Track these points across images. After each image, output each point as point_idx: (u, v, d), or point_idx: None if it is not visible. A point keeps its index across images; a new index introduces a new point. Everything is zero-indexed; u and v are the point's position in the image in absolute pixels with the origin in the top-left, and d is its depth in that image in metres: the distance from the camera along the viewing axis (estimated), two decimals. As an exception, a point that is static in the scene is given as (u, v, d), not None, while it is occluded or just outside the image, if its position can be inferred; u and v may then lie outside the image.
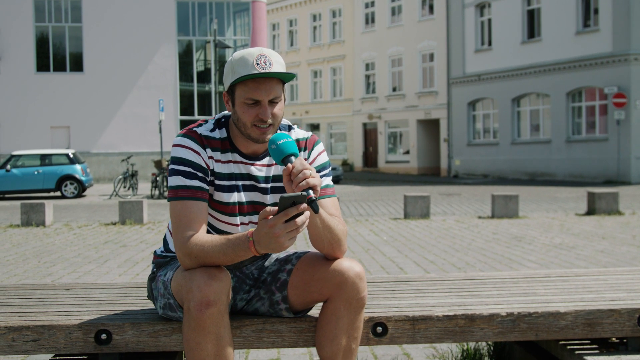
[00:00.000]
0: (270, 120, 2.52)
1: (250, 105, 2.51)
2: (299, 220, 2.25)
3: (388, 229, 11.37)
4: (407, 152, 40.12)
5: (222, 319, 2.41)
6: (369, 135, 43.12)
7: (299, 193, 2.23)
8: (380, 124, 41.61)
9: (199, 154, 2.57)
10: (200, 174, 2.55)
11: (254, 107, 2.51)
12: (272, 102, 2.53)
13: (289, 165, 2.38)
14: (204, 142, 2.59)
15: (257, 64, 2.47)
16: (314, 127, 46.89)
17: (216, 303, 2.36)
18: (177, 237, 2.48)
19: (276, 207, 2.26)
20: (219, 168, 2.61)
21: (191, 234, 2.46)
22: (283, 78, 2.54)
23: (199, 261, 2.43)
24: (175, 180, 2.54)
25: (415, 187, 26.48)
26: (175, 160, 2.56)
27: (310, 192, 2.32)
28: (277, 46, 48.28)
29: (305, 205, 2.25)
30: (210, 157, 2.60)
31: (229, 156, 2.63)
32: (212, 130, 2.63)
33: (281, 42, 48.23)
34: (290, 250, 2.81)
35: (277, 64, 2.50)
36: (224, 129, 2.65)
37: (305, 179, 2.34)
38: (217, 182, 2.60)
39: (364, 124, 43.14)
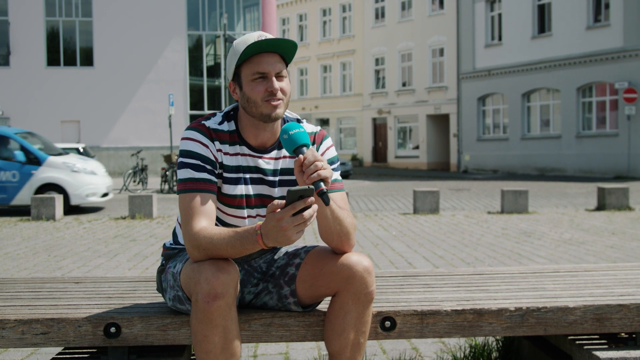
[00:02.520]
0: (279, 95, 2.54)
1: (257, 81, 2.54)
2: (306, 213, 2.25)
3: (397, 224, 11.36)
4: (417, 147, 40.06)
5: (230, 311, 2.41)
6: (379, 130, 43.06)
7: (307, 187, 2.23)
8: (389, 119, 41.54)
9: (207, 146, 2.58)
10: (208, 167, 2.56)
11: (262, 83, 2.54)
12: (279, 77, 2.56)
13: (301, 156, 2.38)
14: (213, 134, 2.60)
15: (259, 38, 2.52)
16: (324, 122, 46.85)
17: (224, 296, 2.37)
18: (186, 229, 2.49)
19: (284, 201, 2.25)
20: (227, 161, 2.61)
21: (200, 226, 2.46)
22: (285, 48, 2.56)
23: (207, 253, 2.44)
24: (184, 173, 2.55)
25: (425, 182, 26.44)
26: (184, 153, 2.57)
27: (321, 184, 2.32)
28: (286, 41, 48.19)
29: (312, 199, 2.25)
30: (219, 150, 2.60)
31: (237, 149, 2.63)
32: (220, 123, 2.64)
33: (291, 36, 48.17)
34: (299, 244, 2.81)
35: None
36: (232, 122, 2.66)
37: (316, 171, 2.34)
38: (225, 174, 2.61)
39: (374, 119, 43.08)
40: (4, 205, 14.31)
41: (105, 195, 15.13)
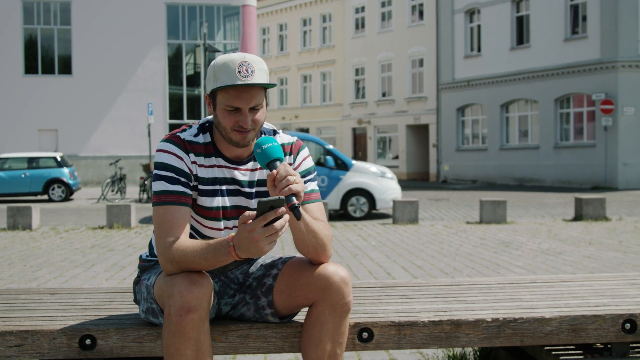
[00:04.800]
0: (250, 127, 2.53)
1: (230, 112, 2.52)
2: (277, 224, 2.26)
3: (376, 234, 11.38)
4: (396, 157, 40.18)
5: (203, 324, 2.41)
6: (359, 140, 43.14)
7: (277, 197, 2.24)
8: (369, 129, 41.64)
9: (182, 159, 2.57)
10: (183, 179, 2.55)
11: (234, 114, 2.52)
12: (253, 109, 2.53)
13: (274, 171, 2.38)
14: (187, 147, 2.60)
15: (239, 71, 2.46)
16: (304, 132, 46.84)
17: (197, 309, 2.36)
18: (159, 242, 2.48)
19: (255, 212, 2.26)
20: (203, 173, 2.61)
21: (173, 239, 2.46)
22: (264, 86, 2.54)
23: (180, 266, 2.43)
24: (158, 186, 2.54)
25: (404, 192, 26.48)
26: (159, 165, 2.57)
27: (293, 198, 2.33)
28: (267, 50, 48.26)
29: (283, 209, 2.25)
30: (194, 162, 2.60)
31: (213, 161, 2.63)
32: (195, 135, 2.63)
33: (271, 46, 48.21)
34: (276, 255, 2.81)
35: (260, 71, 2.50)
36: (208, 134, 2.66)
37: (288, 185, 2.34)
38: (200, 187, 2.61)
39: (354, 129, 43.17)
40: None
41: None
